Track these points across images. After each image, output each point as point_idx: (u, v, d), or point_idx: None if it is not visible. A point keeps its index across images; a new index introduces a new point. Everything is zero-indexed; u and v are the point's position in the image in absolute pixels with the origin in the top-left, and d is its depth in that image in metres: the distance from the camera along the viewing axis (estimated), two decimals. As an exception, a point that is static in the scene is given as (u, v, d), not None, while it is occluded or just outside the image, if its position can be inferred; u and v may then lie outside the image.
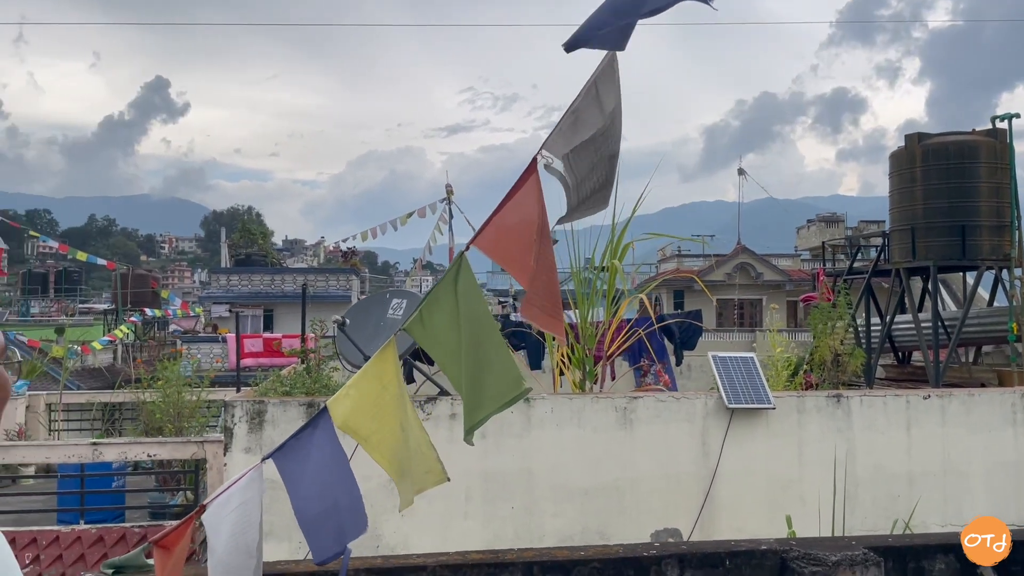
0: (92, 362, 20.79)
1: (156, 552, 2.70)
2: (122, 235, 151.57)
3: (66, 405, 12.19)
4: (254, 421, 6.53)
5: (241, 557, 2.46)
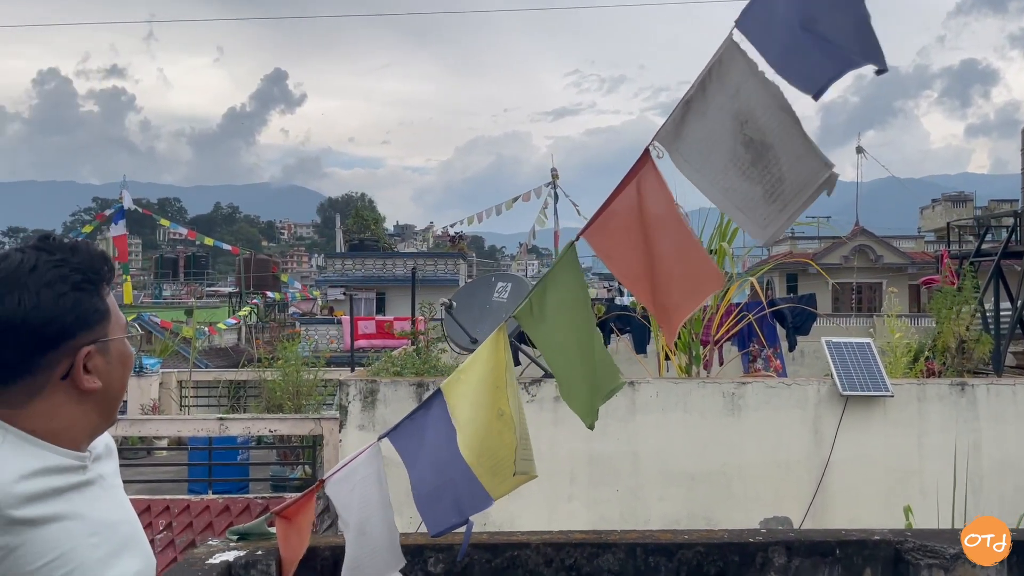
0: (218, 342, 22.01)
1: (278, 522, 2.88)
2: (245, 222, 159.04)
3: (195, 382, 12.98)
4: (367, 400, 6.79)
5: (376, 530, 2.59)
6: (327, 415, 7.97)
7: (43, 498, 1.26)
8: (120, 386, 1.40)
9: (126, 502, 1.47)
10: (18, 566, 1.21)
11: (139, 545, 1.44)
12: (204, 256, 51.55)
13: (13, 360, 1.26)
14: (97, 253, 1.37)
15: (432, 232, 44.95)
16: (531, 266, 51.23)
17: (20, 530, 1.21)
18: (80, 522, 1.30)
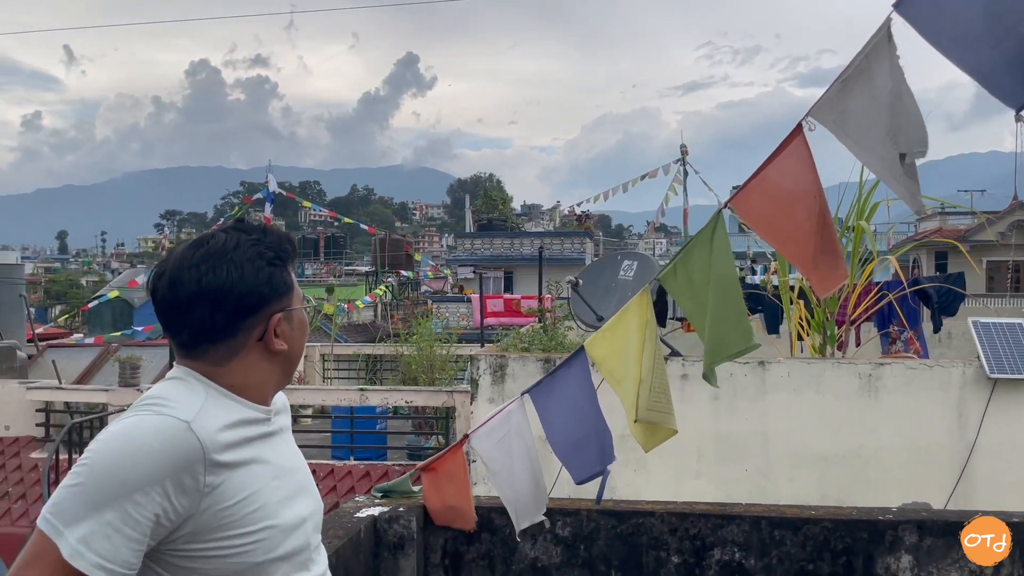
0: (356, 319, 23.05)
1: (425, 477, 3.11)
2: (379, 203, 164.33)
3: (336, 356, 13.71)
4: (496, 374, 7.02)
5: (524, 477, 2.79)
6: (459, 388, 8.28)
7: (238, 445, 1.46)
8: (299, 349, 1.61)
9: (298, 453, 1.67)
10: (218, 502, 1.41)
11: (311, 490, 1.65)
12: (342, 236, 53.83)
13: (221, 323, 1.47)
14: (283, 235, 1.60)
15: (559, 211, 45.05)
16: (659, 245, 50.46)
17: (221, 471, 1.41)
18: (266, 467, 1.51)
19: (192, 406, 1.42)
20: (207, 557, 1.42)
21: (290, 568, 1.52)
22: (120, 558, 1.32)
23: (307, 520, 1.58)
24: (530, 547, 3.18)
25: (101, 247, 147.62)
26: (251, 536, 1.44)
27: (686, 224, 26.20)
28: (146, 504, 1.33)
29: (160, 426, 1.37)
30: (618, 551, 3.09)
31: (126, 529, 1.32)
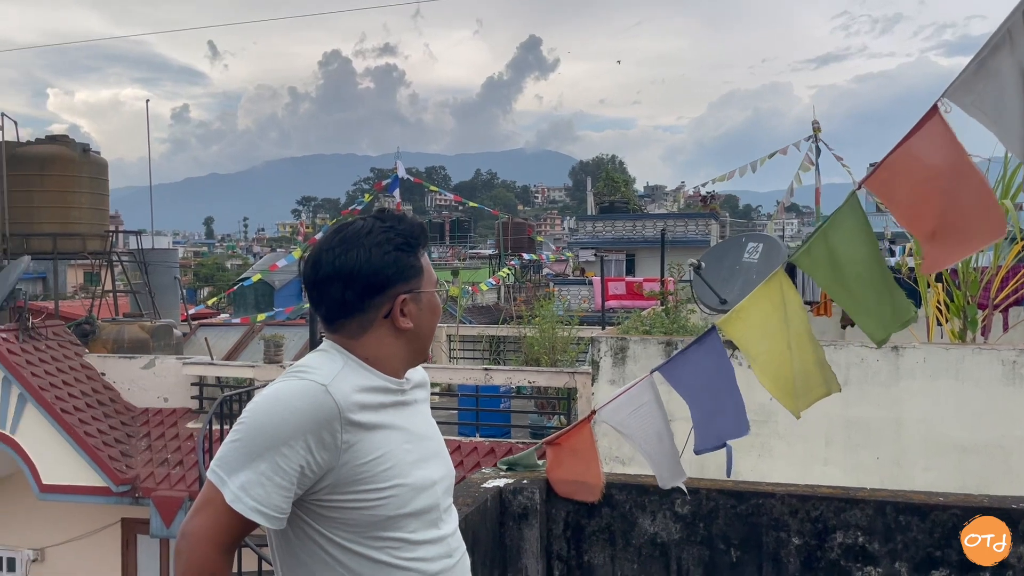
0: (480, 301, 23.54)
1: (549, 450, 3.25)
2: (502, 187, 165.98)
3: (461, 336, 14.11)
4: (617, 356, 7.09)
5: (660, 449, 2.90)
6: (580, 370, 8.40)
7: (372, 408, 1.63)
8: (428, 329, 1.75)
9: (433, 424, 1.83)
10: (355, 458, 1.58)
11: (443, 458, 1.80)
12: (466, 220, 54.85)
13: (351, 300, 1.67)
14: (416, 223, 1.75)
15: (683, 192, 44.22)
16: (790, 225, 48.64)
17: (356, 431, 1.58)
18: (398, 432, 1.66)
19: (330, 372, 1.60)
20: (345, 508, 1.59)
21: (420, 525, 1.67)
22: (272, 503, 1.52)
23: (437, 483, 1.72)
24: (649, 523, 3.27)
25: (244, 232, 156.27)
26: (383, 492, 1.60)
27: (818, 204, 25.16)
28: (292, 456, 1.52)
29: (302, 389, 1.56)
30: (738, 530, 3.13)
31: (276, 478, 1.51)
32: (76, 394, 9.53)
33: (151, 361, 10.15)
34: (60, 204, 12.15)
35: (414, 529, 1.66)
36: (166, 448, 9.40)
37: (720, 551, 3.16)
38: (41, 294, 19.25)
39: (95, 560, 9.94)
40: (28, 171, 12.02)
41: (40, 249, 12.05)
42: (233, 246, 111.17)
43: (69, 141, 12.76)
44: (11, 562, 10.24)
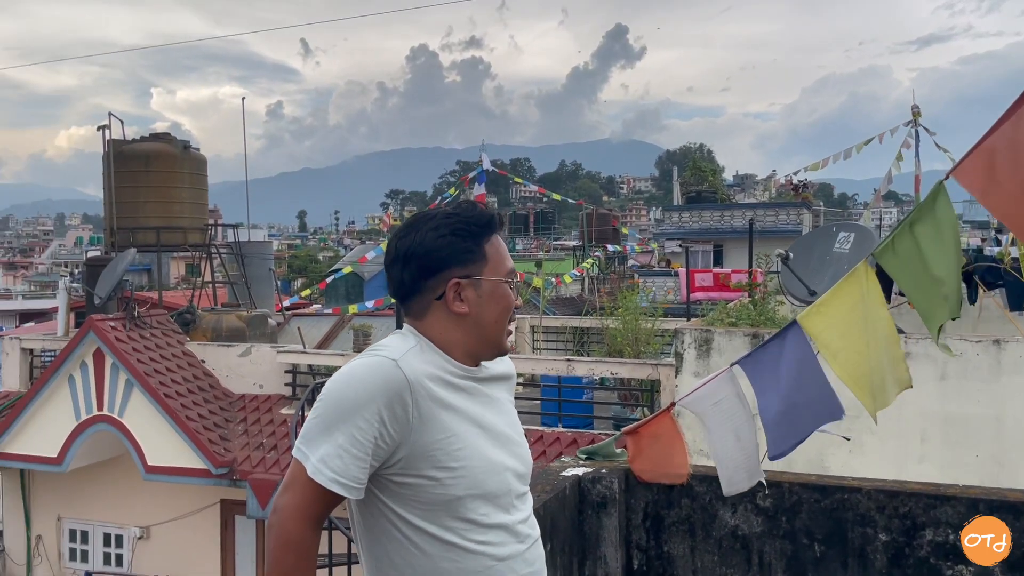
0: (564, 292, 23.55)
1: (630, 439, 3.26)
2: (587, 178, 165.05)
3: (544, 327, 14.15)
4: (702, 348, 7.00)
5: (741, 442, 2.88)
6: (664, 362, 8.32)
7: (441, 389, 1.69)
8: (491, 318, 1.77)
9: (511, 414, 1.87)
10: (425, 435, 1.64)
11: (517, 444, 1.83)
12: (551, 212, 54.83)
13: (408, 281, 1.76)
14: (484, 212, 1.81)
15: (774, 181, 43.07)
16: (887, 214, 46.78)
17: (427, 405, 1.64)
18: (468, 415, 1.71)
19: (401, 349, 1.69)
20: (417, 485, 1.65)
21: (491, 508, 1.71)
22: (350, 474, 1.60)
23: (509, 469, 1.75)
24: (730, 515, 3.24)
25: (335, 225, 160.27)
26: (453, 471, 1.65)
27: (918, 191, 24.11)
28: (367, 428, 1.59)
29: (375, 363, 1.65)
30: (822, 525, 3.08)
31: (353, 450, 1.59)
32: (178, 380, 10.01)
33: (247, 349, 10.57)
34: (163, 199, 12.75)
35: (484, 512, 1.69)
36: (261, 432, 9.77)
37: (803, 545, 3.11)
38: (146, 285, 20.25)
39: (196, 539, 10.44)
40: (134, 168, 12.66)
41: (144, 242, 12.69)
42: (325, 239, 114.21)
43: (171, 139, 13.37)
44: (119, 538, 10.87)
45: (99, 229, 70.34)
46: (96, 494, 10.87)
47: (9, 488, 11.37)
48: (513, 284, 1.81)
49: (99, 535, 10.96)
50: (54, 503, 11.12)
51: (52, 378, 10.07)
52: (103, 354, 9.87)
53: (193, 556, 10.44)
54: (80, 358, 9.99)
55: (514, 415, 1.88)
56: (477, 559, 1.68)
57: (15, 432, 10.22)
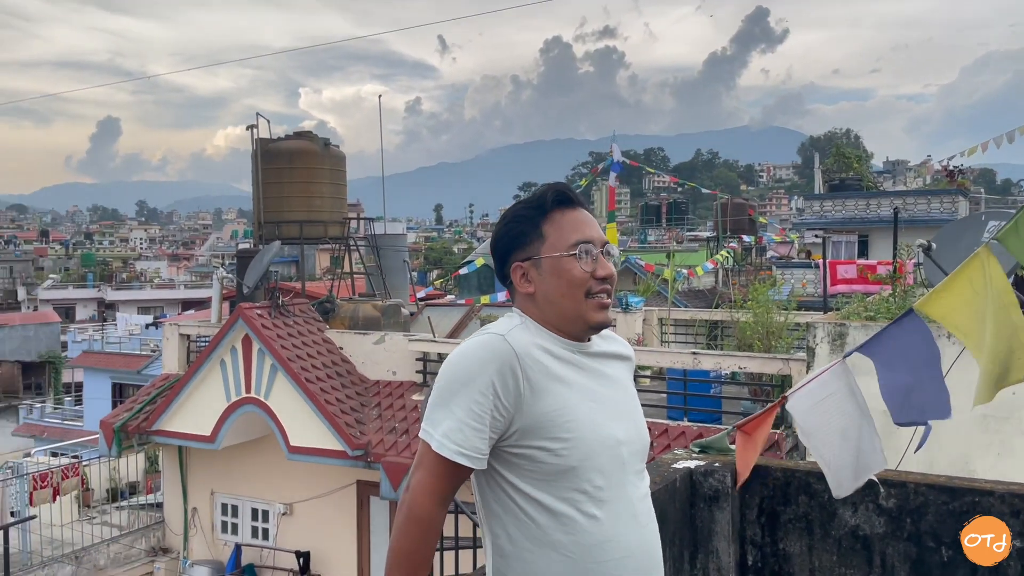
0: (696, 284, 23.08)
1: (739, 436, 3.20)
2: (724, 166, 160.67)
3: (673, 320, 13.92)
4: (835, 343, 6.72)
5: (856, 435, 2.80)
6: (796, 356, 8.03)
7: (552, 360, 1.76)
8: (558, 293, 1.81)
9: (626, 390, 1.90)
10: (536, 407, 1.71)
11: (631, 420, 1.87)
12: (684, 202, 53.70)
13: (497, 272, 1.92)
14: (540, 193, 1.89)
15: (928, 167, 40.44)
16: (1057, 201, 42.93)
17: (536, 377, 1.72)
18: (578, 388, 1.77)
19: (508, 327, 1.79)
20: (532, 456, 1.71)
21: (604, 483, 1.74)
22: (472, 445, 1.70)
23: (623, 444, 1.79)
24: (850, 514, 3.12)
25: (469, 217, 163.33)
26: (565, 442, 1.70)
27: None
28: (482, 400, 1.68)
29: (483, 340, 1.76)
30: (949, 528, 2.91)
31: (472, 422, 1.68)
32: (318, 365, 10.56)
33: (381, 337, 11.00)
34: (305, 194, 13.44)
35: (598, 485, 1.73)
36: (394, 417, 10.16)
37: (929, 549, 2.95)
38: (294, 276, 21.40)
39: (334, 517, 11.00)
40: (279, 164, 13.41)
41: (289, 235, 13.42)
42: (460, 231, 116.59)
43: (313, 136, 14.06)
44: (265, 513, 11.60)
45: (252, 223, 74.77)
46: (244, 471, 11.64)
47: (168, 463, 12.35)
48: (584, 255, 1.81)
49: (247, 509, 11.74)
50: (208, 478, 11.99)
51: (205, 362, 10.86)
52: (251, 340, 10.54)
53: (331, 533, 11.01)
54: (230, 344, 10.71)
55: (630, 393, 1.91)
56: (590, 532, 1.71)
57: (173, 411, 11.10)
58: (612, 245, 1.86)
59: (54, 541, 12.04)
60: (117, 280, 62.69)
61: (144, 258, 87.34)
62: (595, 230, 1.84)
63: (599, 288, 1.81)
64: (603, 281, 1.82)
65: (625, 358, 1.94)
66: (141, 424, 11.28)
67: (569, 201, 1.86)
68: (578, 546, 1.70)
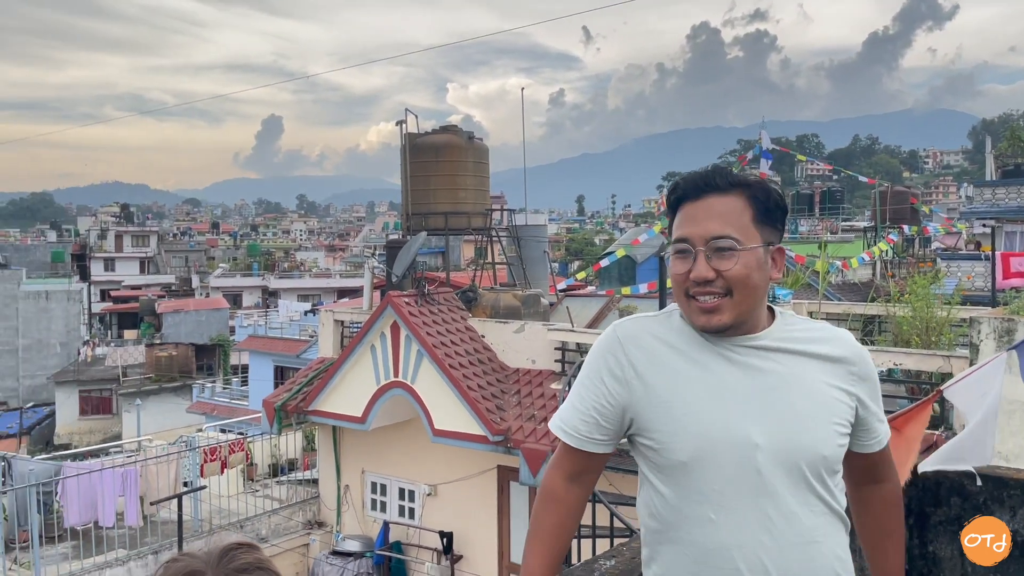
0: (850, 277, 21.93)
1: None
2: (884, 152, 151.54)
3: (825, 314, 13.33)
4: (1002, 339, 6.26)
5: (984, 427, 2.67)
6: (957, 353, 7.53)
7: (664, 350, 1.71)
8: (675, 284, 1.73)
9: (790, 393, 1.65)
10: (649, 396, 1.69)
11: (786, 426, 1.62)
12: (839, 191, 51.04)
13: None
14: (675, 185, 1.82)
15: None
16: None
17: (650, 366, 1.69)
18: (697, 381, 1.67)
19: (638, 316, 1.79)
20: (649, 446, 1.70)
21: (729, 488, 1.62)
22: (570, 423, 1.76)
23: (759, 448, 1.60)
24: (1009, 518, 2.93)
25: (611, 208, 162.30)
26: (674, 434, 1.65)
27: None
28: (591, 387, 1.75)
29: (605, 331, 1.80)
30: (1123, 540, 2.68)
31: (579, 405, 1.76)
32: (461, 352, 10.88)
33: (521, 326, 11.20)
34: (450, 187, 13.83)
35: (720, 489, 1.62)
36: (533, 405, 10.33)
37: (1099, 561, 2.73)
38: (440, 266, 22.05)
39: (476, 500, 11.32)
40: (426, 158, 13.87)
41: (435, 226, 13.87)
42: (601, 222, 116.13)
43: (458, 130, 14.45)
44: (411, 493, 12.09)
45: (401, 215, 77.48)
46: (392, 452, 12.17)
47: (323, 442, 13.10)
48: (682, 252, 1.70)
49: (395, 489, 12.28)
50: (358, 457, 12.63)
51: (357, 347, 11.43)
52: (399, 327, 11.00)
53: (473, 516, 11.34)
54: (380, 330, 11.22)
55: (806, 396, 1.66)
56: (707, 534, 1.64)
57: (328, 393, 11.76)
58: (728, 240, 1.65)
59: (222, 511, 13.05)
60: (279, 269, 66.89)
61: (303, 249, 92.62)
62: (699, 226, 1.67)
63: (696, 290, 1.67)
64: (700, 283, 1.66)
65: (823, 358, 1.70)
66: (299, 404, 12.02)
67: (694, 193, 1.72)
68: (695, 546, 1.65)
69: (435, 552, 11.45)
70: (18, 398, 42.95)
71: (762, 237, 1.68)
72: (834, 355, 1.71)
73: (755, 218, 1.68)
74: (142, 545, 11.44)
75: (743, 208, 1.68)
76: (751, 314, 1.68)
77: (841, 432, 1.68)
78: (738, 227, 1.66)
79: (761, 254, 1.67)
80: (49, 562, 10.61)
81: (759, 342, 1.68)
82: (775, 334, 1.70)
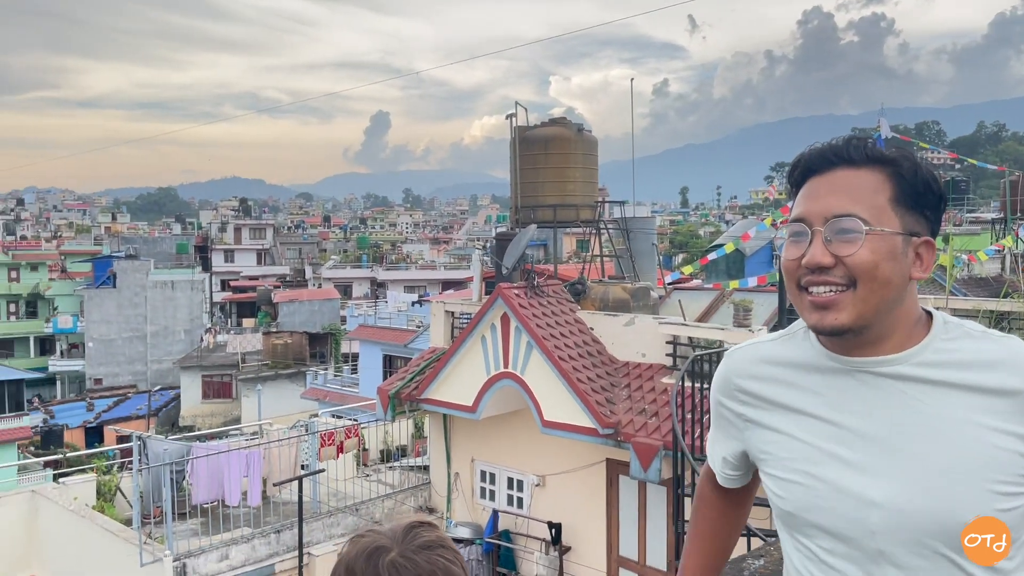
0: (977, 271, 20.75)
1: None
2: (1012, 140, 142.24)
3: (951, 310, 12.68)
4: None
5: None
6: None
7: (776, 382, 1.47)
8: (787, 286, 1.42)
9: (936, 442, 1.30)
10: (757, 436, 1.51)
11: (915, 484, 1.30)
12: (964, 180, 48.27)
13: None
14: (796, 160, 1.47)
15: None
16: None
17: (753, 402, 1.51)
18: (811, 420, 1.41)
19: (756, 339, 1.57)
20: (767, 488, 1.51)
21: (837, 545, 1.37)
22: (711, 457, 1.71)
23: (875, 507, 1.32)
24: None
25: (717, 200, 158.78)
26: (779, 483, 1.45)
27: None
28: (713, 434, 1.67)
29: (720, 365, 1.64)
30: None
31: (710, 447, 1.70)
32: (570, 344, 10.91)
33: (631, 319, 11.12)
34: (559, 179, 13.88)
35: (829, 548, 1.39)
36: (643, 399, 10.25)
37: None
38: (542, 258, 22.13)
39: (585, 492, 11.34)
40: (534, 151, 13.95)
41: (543, 219, 13.94)
42: (706, 214, 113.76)
43: (567, 122, 14.46)
44: (520, 483, 12.22)
45: (505, 208, 78.25)
46: (502, 441, 12.33)
47: (434, 430, 13.40)
48: (797, 235, 1.37)
49: (504, 478, 12.44)
50: (469, 446, 12.85)
51: (468, 337, 11.62)
52: (508, 318, 11.12)
53: (582, 508, 11.37)
54: (490, 321, 11.38)
55: (955, 445, 1.29)
56: None
57: (440, 382, 12.01)
58: (850, 219, 1.31)
59: (338, 493, 13.54)
60: (387, 261, 68.71)
61: (409, 241, 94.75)
62: (819, 202, 1.34)
63: (809, 279, 1.34)
64: (815, 271, 1.33)
65: (989, 392, 1.28)
66: (412, 392, 12.34)
67: (821, 165, 1.38)
68: None
69: (543, 542, 11.55)
70: (147, 381, 45.86)
71: (902, 224, 1.32)
72: (1007, 387, 1.28)
73: (895, 199, 1.33)
74: (264, 524, 12.02)
75: (880, 185, 1.34)
76: (880, 319, 1.32)
77: (1005, 493, 1.26)
78: (869, 206, 1.32)
79: (898, 243, 1.31)
80: (180, 537, 11.28)
81: (898, 368, 1.33)
82: (923, 355, 1.33)
